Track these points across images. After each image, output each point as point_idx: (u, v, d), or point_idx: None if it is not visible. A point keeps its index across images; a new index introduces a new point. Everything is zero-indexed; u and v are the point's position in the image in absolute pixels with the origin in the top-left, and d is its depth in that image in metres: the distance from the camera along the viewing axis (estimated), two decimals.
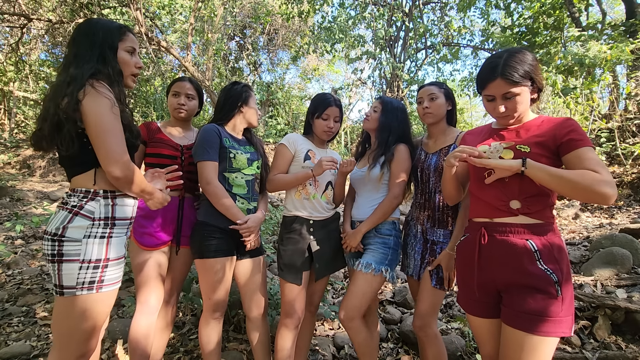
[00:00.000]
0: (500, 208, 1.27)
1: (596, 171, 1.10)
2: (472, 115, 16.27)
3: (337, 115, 1.90)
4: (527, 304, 1.17)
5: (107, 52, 1.28)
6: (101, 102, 1.19)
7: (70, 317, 1.21)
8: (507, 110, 1.27)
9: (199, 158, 1.72)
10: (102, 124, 1.19)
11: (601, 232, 3.98)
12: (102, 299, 1.24)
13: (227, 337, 2.35)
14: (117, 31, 1.32)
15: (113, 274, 1.27)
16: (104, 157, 1.20)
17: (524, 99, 1.26)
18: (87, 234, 1.21)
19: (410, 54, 9.79)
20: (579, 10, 7.55)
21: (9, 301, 3.00)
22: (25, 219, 4.56)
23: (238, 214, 1.72)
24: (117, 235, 1.28)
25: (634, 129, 5.86)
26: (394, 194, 1.78)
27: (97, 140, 1.19)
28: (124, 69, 1.34)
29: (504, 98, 1.26)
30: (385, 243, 1.80)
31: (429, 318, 1.73)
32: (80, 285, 1.19)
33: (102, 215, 1.24)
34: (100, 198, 1.25)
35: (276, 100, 12.09)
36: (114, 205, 1.27)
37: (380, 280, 1.75)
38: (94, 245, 1.21)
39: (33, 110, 12.49)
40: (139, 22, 8.38)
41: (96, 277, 1.21)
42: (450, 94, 1.83)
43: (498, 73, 1.23)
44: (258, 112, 1.94)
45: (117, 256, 1.28)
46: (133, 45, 1.37)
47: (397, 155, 1.80)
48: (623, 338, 2.25)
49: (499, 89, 1.25)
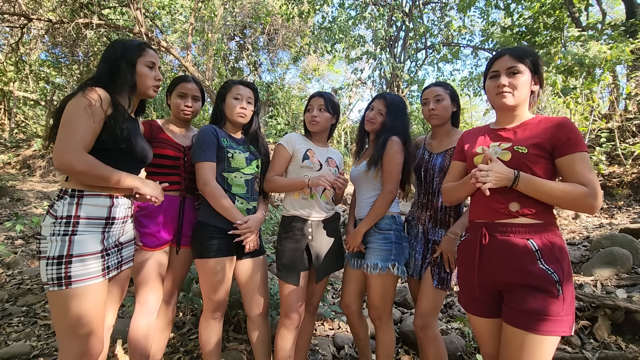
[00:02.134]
0: (500, 210, 1.27)
1: (585, 183, 1.17)
2: (472, 116, 16.26)
3: (321, 104, 1.87)
4: (527, 303, 1.17)
5: (122, 66, 1.42)
6: (78, 101, 1.29)
7: (54, 313, 1.28)
8: (509, 86, 1.30)
9: (196, 159, 1.72)
10: (67, 117, 1.28)
11: (601, 232, 3.97)
12: (74, 294, 1.25)
13: (227, 337, 2.35)
14: (136, 48, 1.47)
15: (80, 270, 1.27)
16: (55, 146, 1.28)
17: (524, 82, 1.30)
18: (51, 232, 1.27)
19: (410, 54, 9.78)
20: (579, 10, 7.55)
21: (9, 301, 3.00)
22: (25, 219, 4.56)
23: (236, 214, 1.71)
24: (84, 233, 1.30)
25: (634, 129, 5.86)
26: (388, 190, 1.77)
27: (59, 131, 1.28)
28: (142, 81, 1.47)
29: (509, 73, 1.31)
30: (386, 238, 1.79)
31: (430, 318, 1.73)
32: (51, 281, 1.25)
33: (64, 214, 1.29)
34: (67, 197, 1.31)
35: (276, 100, 12.08)
36: (79, 205, 1.31)
37: (393, 278, 1.78)
38: (56, 243, 1.26)
39: (33, 110, 12.50)
40: (138, 22, 8.38)
41: (61, 273, 1.24)
42: (455, 95, 1.83)
43: (506, 51, 1.34)
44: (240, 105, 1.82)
45: (82, 252, 1.28)
46: (153, 60, 1.50)
47: (388, 150, 1.77)
48: (623, 338, 2.25)
49: (504, 63, 1.32)
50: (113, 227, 1.41)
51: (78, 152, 1.26)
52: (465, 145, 1.46)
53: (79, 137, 1.27)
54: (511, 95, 1.30)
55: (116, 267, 1.45)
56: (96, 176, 1.30)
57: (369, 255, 1.80)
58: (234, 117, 1.83)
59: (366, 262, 1.79)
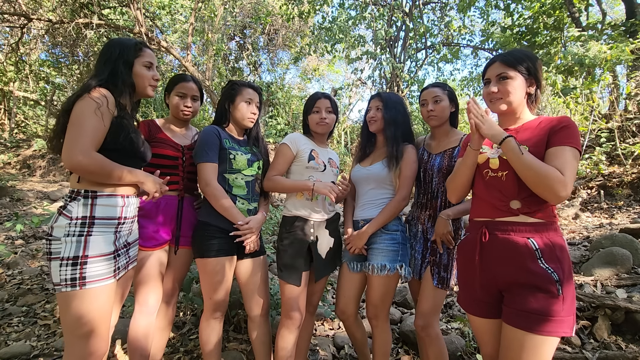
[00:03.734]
0: (501, 208, 1.27)
1: (562, 171, 1.16)
2: None
3: (329, 106, 1.89)
4: (528, 303, 1.17)
5: (120, 66, 1.42)
6: (86, 102, 1.29)
7: (65, 314, 1.27)
8: (498, 92, 1.32)
9: (198, 160, 1.73)
10: (76, 118, 1.29)
11: (601, 232, 3.97)
12: (88, 295, 1.26)
13: (227, 337, 2.35)
14: (133, 48, 1.46)
15: (95, 270, 1.28)
16: (64, 145, 1.28)
17: (517, 86, 1.31)
18: (65, 233, 1.27)
19: (410, 54, 9.78)
20: (579, 10, 7.55)
21: (9, 301, 3.00)
22: (25, 219, 4.56)
23: (237, 215, 1.71)
24: (98, 233, 1.31)
25: (634, 129, 5.86)
26: (403, 196, 1.79)
27: (67, 131, 1.29)
28: (140, 81, 1.48)
29: (499, 79, 1.33)
30: (393, 239, 1.79)
31: (431, 318, 1.72)
32: (64, 282, 1.25)
33: (79, 215, 1.29)
34: (80, 197, 1.31)
35: (276, 100, 12.08)
36: (94, 205, 1.32)
37: (396, 278, 1.78)
38: (72, 244, 1.26)
39: (33, 110, 12.50)
40: (139, 22, 8.39)
41: (76, 274, 1.25)
42: (453, 96, 1.83)
43: (498, 57, 1.37)
44: (251, 109, 1.84)
45: (97, 253, 1.29)
46: (150, 60, 1.50)
47: (407, 156, 1.80)
48: (623, 338, 2.25)
49: (494, 71, 1.35)
50: (124, 227, 1.42)
51: (88, 151, 1.27)
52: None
53: (89, 137, 1.28)
54: (502, 102, 1.33)
55: (124, 267, 1.46)
56: (107, 174, 1.32)
57: (374, 257, 1.78)
58: (244, 122, 1.84)
59: (371, 263, 1.77)
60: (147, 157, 1.57)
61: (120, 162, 1.37)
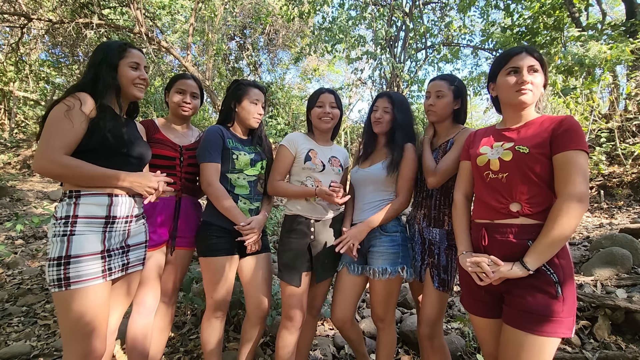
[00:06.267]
0: (501, 210, 1.27)
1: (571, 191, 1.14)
2: (472, 116, 16.25)
3: (332, 102, 1.84)
4: (527, 304, 1.17)
5: (103, 69, 1.42)
6: (57, 108, 1.31)
7: (58, 315, 1.30)
8: (531, 84, 1.28)
9: (201, 160, 1.73)
10: (47, 124, 1.31)
11: (601, 232, 3.97)
12: (75, 296, 1.25)
13: (227, 337, 2.35)
14: (116, 50, 1.46)
15: (80, 270, 1.26)
16: (35, 151, 1.31)
17: (540, 82, 1.30)
18: (53, 233, 1.30)
19: (410, 54, 9.77)
20: (579, 11, 7.54)
21: (9, 301, 3.00)
22: (25, 219, 4.56)
23: (239, 215, 1.71)
24: (82, 232, 1.30)
25: (634, 129, 5.86)
26: (404, 199, 1.75)
27: (40, 138, 1.30)
28: (125, 82, 1.47)
29: (530, 70, 1.28)
30: (393, 241, 1.74)
31: (436, 327, 1.68)
32: (52, 282, 1.26)
33: (62, 214, 1.31)
34: (66, 198, 1.34)
35: (276, 100, 12.06)
36: (77, 204, 1.32)
37: (399, 281, 1.74)
38: (57, 244, 1.27)
39: (33, 110, 12.48)
40: (138, 22, 8.38)
41: (60, 274, 1.25)
42: (460, 92, 1.73)
43: (523, 49, 1.31)
44: (257, 110, 1.86)
45: (81, 253, 1.28)
46: (136, 61, 1.49)
47: (407, 155, 1.74)
48: (623, 338, 2.25)
49: (526, 61, 1.28)
50: (115, 227, 1.40)
51: (53, 156, 1.26)
52: (471, 145, 1.47)
53: (57, 141, 1.28)
54: (532, 93, 1.28)
55: (121, 269, 1.43)
56: (77, 176, 1.31)
57: (374, 260, 1.73)
58: (250, 122, 1.84)
59: (372, 267, 1.72)
60: (146, 157, 1.56)
61: (98, 162, 1.34)
